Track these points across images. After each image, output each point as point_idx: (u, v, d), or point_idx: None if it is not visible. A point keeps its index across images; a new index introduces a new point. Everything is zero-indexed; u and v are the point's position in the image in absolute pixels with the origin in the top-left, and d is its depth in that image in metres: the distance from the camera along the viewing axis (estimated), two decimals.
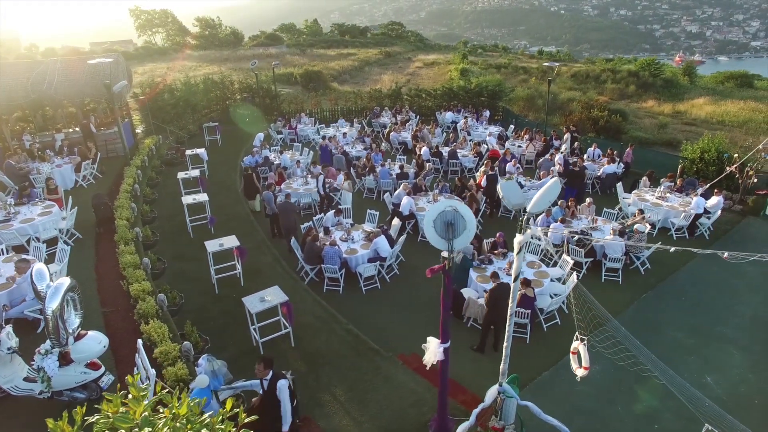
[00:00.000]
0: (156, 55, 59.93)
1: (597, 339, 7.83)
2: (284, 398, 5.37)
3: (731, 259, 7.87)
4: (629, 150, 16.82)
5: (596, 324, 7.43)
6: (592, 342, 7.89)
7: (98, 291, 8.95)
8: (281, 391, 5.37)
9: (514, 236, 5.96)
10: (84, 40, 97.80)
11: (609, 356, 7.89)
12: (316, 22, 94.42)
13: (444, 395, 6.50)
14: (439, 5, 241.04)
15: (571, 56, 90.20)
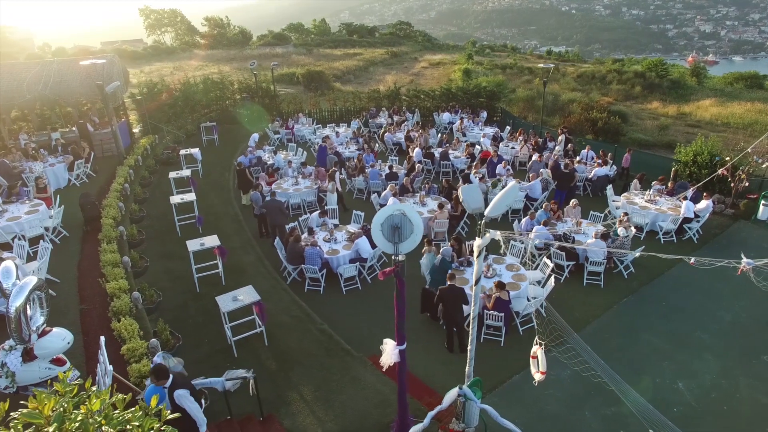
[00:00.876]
0: (164, 54, 60.55)
1: (560, 350, 7.85)
2: (188, 405, 5.26)
3: (698, 265, 7.87)
4: (627, 155, 16.68)
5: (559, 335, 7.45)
6: (554, 352, 7.93)
7: (78, 288, 9.13)
8: (180, 399, 5.22)
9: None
10: (96, 39, 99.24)
11: (573, 367, 7.91)
12: (324, 22, 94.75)
13: (403, 396, 6.55)
14: (449, 5, 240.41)
15: (580, 56, 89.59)
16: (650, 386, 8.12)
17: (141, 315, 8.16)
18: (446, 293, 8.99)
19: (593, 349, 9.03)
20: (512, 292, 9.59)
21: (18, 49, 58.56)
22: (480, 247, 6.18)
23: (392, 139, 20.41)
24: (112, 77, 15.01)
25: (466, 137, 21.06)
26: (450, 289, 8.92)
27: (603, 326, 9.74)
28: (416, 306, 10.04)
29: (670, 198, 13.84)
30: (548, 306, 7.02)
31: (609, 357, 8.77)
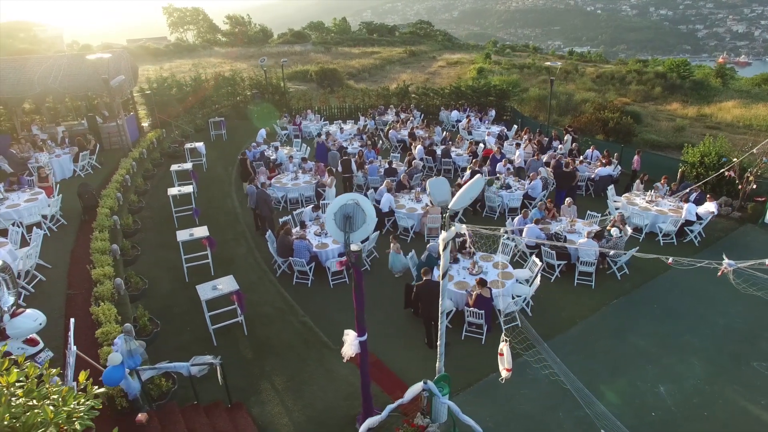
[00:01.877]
0: (185, 51, 61.59)
1: (529, 353, 7.75)
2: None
3: (676, 265, 7.67)
4: (637, 157, 16.23)
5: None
6: (524, 356, 7.83)
7: (68, 274, 9.39)
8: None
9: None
10: (122, 36, 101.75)
11: (541, 371, 7.82)
12: (345, 21, 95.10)
13: (367, 389, 6.55)
14: (472, 4, 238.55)
15: (603, 57, 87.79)
16: (628, 389, 7.92)
17: (123, 301, 8.36)
18: (423, 289, 8.95)
19: (577, 350, 8.93)
20: (496, 290, 9.49)
21: (47, 47, 60.36)
22: (445, 240, 6.14)
23: (396, 136, 20.38)
24: (119, 72, 15.38)
25: (472, 135, 20.89)
26: (426, 284, 8.87)
27: (590, 327, 9.55)
28: (401, 301, 10.02)
29: (673, 199, 13.48)
30: (521, 315, 6.88)
31: (592, 359, 8.65)
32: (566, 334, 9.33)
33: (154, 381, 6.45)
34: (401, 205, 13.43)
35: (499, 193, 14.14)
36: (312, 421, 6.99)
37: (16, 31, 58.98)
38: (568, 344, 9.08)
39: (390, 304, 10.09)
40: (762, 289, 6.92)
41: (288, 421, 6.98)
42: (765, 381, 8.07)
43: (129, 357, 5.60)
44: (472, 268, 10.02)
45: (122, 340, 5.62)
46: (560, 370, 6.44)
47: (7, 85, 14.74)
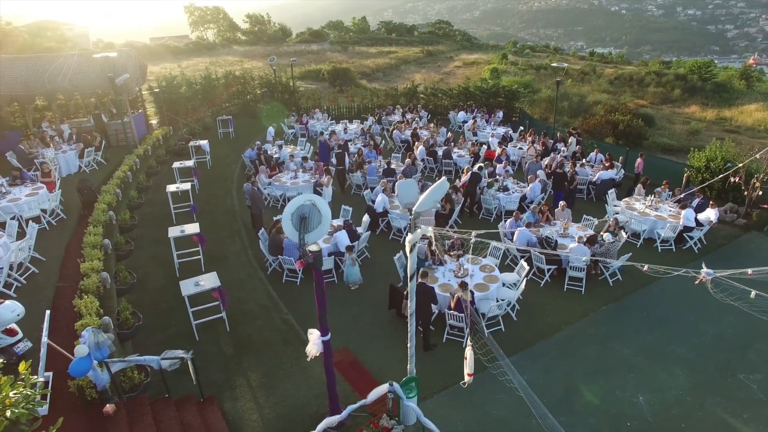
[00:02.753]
0: (204, 50, 62.53)
1: (492, 365, 7.66)
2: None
3: (652, 273, 7.52)
4: (640, 160, 15.95)
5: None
6: (488, 368, 7.75)
7: (61, 267, 9.65)
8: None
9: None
10: (146, 35, 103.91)
11: (507, 384, 7.74)
12: (364, 20, 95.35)
13: (332, 388, 6.59)
14: (493, 4, 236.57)
15: (625, 58, 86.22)
16: (606, 397, 7.79)
17: (109, 294, 8.56)
18: (420, 289, 8.90)
19: (559, 356, 8.82)
20: (480, 293, 9.44)
21: (72, 45, 61.97)
22: (411, 242, 6.14)
23: (400, 136, 20.37)
24: (127, 70, 15.76)
25: (477, 137, 20.74)
26: (420, 286, 8.83)
27: (575, 333, 9.41)
28: (385, 302, 10.03)
29: (674, 205, 13.18)
30: (482, 329, 6.82)
31: (574, 365, 8.53)
32: (550, 340, 9.22)
33: (126, 373, 6.61)
34: (396, 206, 13.44)
35: (496, 196, 14.03)
36: (281, 418, 7.06)
37: (43, 30, 60.68)
38: (551, 350, 8.97)
39: (378, 306, 10.12)
40: (739, 299, 6.73)
41: (258, 417, 7.07)
42: (750, 394, 7.85)
43: (96, 349, 5.75)
44: (458, 270, 9.98)
45: (90, 333, 5.77)
46: (518, 383, 6.36)
47: (20, 83, 15.24)
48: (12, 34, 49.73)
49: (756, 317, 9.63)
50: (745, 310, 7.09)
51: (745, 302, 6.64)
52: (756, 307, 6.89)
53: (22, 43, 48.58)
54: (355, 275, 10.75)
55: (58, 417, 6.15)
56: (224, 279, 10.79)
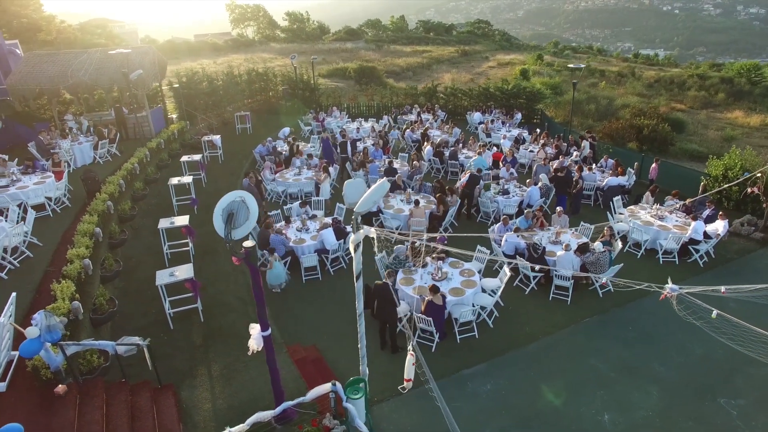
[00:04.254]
0: (242, 47, 64.12)
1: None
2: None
3: (611, 286, 7.15)
4: (654, 166, 15.26)
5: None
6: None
7: (54, 253, 10.15)
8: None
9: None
10: (191, 32, 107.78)
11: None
12: (402, 19, 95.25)
13: (277, 384, 6.64)
14: (538, 4, 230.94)
15: (672, 60, 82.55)
16: (569, 414, 7.48)
17: (91, 281, 8.97)
18: (380, 290, 8.91)
19: (529, 367, 8.55)
20: (454, 297, 9.27)
21: (119, 41, 64.98)
22: (354, 242, 6.12)
23: (412, 136, 20.26)
24: (143, 66, 16.41)
25: (491, 138, 20.36)
26: (383, 287, 8.81)
27: (550, 344, 9.10)
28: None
29: (682, 215, 12.51)
30: (415, 348, 6.68)
31: (542, 378, 8.24)
32: (523, 350, 8.95)
33: (85, 356, 6.90)
34: (390, 206, 13.39)
35: (495, 199, 13.73)
36: (232, 410, 7.17)
37: (94, 27, 64.10)
38: (521, 360, 8.71)
39: (354, 305, 10.06)
40: (701, 318, 6.33)
41: (210, 407, 7.22)
42: (728, 420, 7.36)
43: (47, 332, 6.03)
44: (436, 273, 9.83)
45: (42, 316, 6.06)
46: (443, 408, 6.21)
47: (45, 77, 16.16)
48: (65, 31, 52.67)
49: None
50: (706, 330, 6.67)
51: (706, 322, 6.26)
52: (715, 327, 6.48)
53: (74, 40, 51.41)
54: (277, 277, 10.49)
55: (16, 394, 6.53)
56: (210, 271, 11.17)
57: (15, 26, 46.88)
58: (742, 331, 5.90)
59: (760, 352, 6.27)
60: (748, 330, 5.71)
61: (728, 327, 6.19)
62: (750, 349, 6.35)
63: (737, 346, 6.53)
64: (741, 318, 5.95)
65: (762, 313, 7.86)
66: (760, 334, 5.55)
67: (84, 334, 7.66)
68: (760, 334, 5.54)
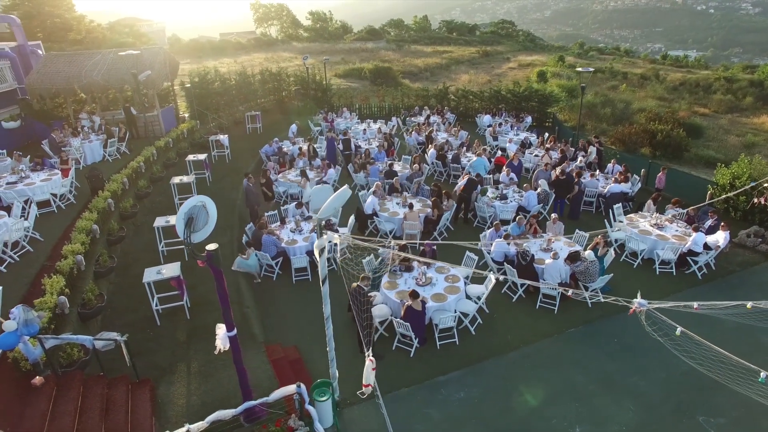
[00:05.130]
0: (264, 45, 64.97)
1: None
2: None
3: (576, 297, 7.07)
4: (661, 175, 14.68)
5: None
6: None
7: (53, 248, 10.55)
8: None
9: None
10: (217, 30, 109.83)
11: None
12: (426, 19, 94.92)
13: (244, 383, 6.78)
14: (566, 4, 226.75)
15: (703, 62, 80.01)
16: (539, 426, 7.40)
17: (82, 276, 9.30)
18: (355, 293, 8.94)
19: (505, 376, 8.51)
20: (435, 303, 9.27)
21: (146, 40, 66.68)
22: (318, 247, 6.22)
23: (418, 138, 20.24)
24: (153, 66, 16.87)
25: (497, 141, 20.18)
26: (357, 290, 8.85)
27: (531, 354, 9.00)
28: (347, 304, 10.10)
29: (682, 225, 12.19)
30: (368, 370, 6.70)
31: (517, 388, 8.17)
32: (502, 358, 8.88)
33: (65, 349, 7.18)
34: (386, 209, 13.43)
35: (492, 204, 13.63)
36: (205, 406, 7.33)
37: (122, 26, 65.92)
38: (499, 368, 8.64)
39: (340, 307, 10.09)
40: (666, 335, 6.20)
41: (184, 403, 7.41)
42: None
43: (25, 326, 6.31)
44: (420, 278, 9.84)
45: (20, 310, 6.34)
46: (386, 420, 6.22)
47: (61, 77, 16.79)
48: (94, 31, 54.36)
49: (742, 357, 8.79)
50: (670, 349, 6.52)
51: (671, 339, 6.13)
52: (678, 345, 6.34)
53: (102, 39, 53.00)
54: (249, 266, 10.96)
55: None
56: (203, 270, 11.33)
57: (48, 26, 48.69)
58: (704, 350, 5.76)
59: (720, 373, 6.11)
60: (712, 351, 5.58)
61: (691, 345, 6.04)
62: (711, 370, 6.20)
63: (697, 365, 6.37)
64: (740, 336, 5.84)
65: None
66: (724, 356, 5.42)
67: (69, 328, 7.97)
68: (723, 355, 5.41)
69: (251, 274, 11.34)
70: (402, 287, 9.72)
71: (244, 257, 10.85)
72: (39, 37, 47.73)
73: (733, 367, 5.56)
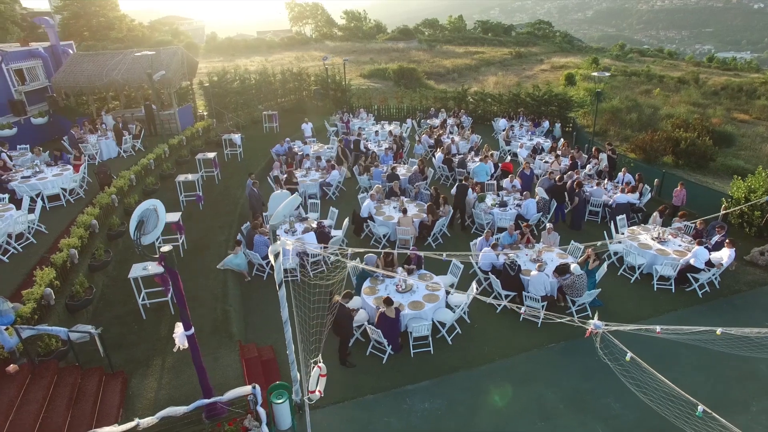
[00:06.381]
0: (297, 44, 65.86)
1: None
2: None
3: (527, 315, 6.89)
4: (679, 190, 13.73)
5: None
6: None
7: (55, 240, 11.09)
8: None
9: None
10: (254, 28, 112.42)
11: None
12: (461, 19, 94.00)
13: (203, 380, 6.95)
14: (609, 3, 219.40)
15: (755, 65, 75.98)
16: None
17: (75, 269, 9.75)
18: (339, 309, 8.96)
19: (474, 389, 8.40)
20: (412, 311, 9.22)
21: (184, 38, 68.87)
22: (272, 252, 6.31)
23: (429, 141, 20.11)
24: (170, 66, 17.46)
25: (510, 146, 19.82)
26: (341, 306, 8.89)
27: (504, 368, 8.82)
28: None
29: (687, 239, 11.65)
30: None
31: (482, 402, 8.02)
32: (474, 371, 8.74)
33: (44, 340, 7.56)
34: (381, 212, 13.44)
35: (490, 211, 13.41)
36: (172, 401, 7.53)
37: (162, 25, 68.40)
38: (468, 381, 8.51)
39: (323, 311, 10.28)
40: (616, 360, 5.97)
41: (152, 396, 7.67)
42: None
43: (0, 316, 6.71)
44: (400, 285, 9.80)
45: None
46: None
47: (84, 77, 17.62)
48: (134, 29, 56.64)
49: (729, 383, 8.38)
50: (617, 374, 6.28)
51: (619, 365, 5.92)
52: (626, 371, 6.10)
53: (141, 37, 55.13)
54: (237, 265, 11.13)
55: None
56: (195, 266, 11.73)
57: (94, 25, 51.07)
58: (649, 379, 5.52)
59: (660, 404, 5.85)
60: (660, 382, 5.35)
61: (640, 374, 5.80)
62: (653, 400, 5.96)
63: (641, 394, 6.11)
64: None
65: None
66: (667, 386, 5.20)
67: (54, 318, 8.39)
68: (666, 384, 5.18)
69: (242, 273, 11.58)
70: (381, 293, 9.70)
71: (233, 253, 11.10)
72: (85, 36, 50.28)
73: (673, 398, 5.30)
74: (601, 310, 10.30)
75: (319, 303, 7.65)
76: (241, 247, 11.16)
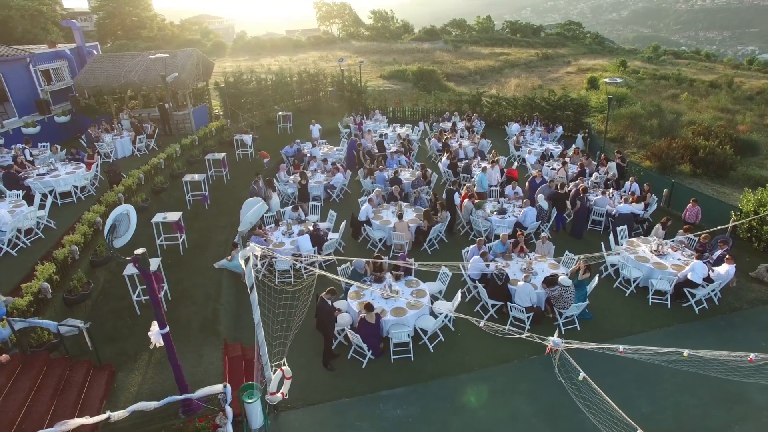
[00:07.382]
0: (323, 44, 66.29)
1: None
2: None
3: (488, 329, 6.95)
4: (692, 207, 13.02)
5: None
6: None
7: (62, 236, 11.58)
8: None
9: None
10: (283, 27, 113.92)
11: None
12: (489, 19, 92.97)
13: (179, 377, 7.21)
14: (645, 3, 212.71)
15: None
16: None
17: (76, 264, 10.22)
18: (320, 304, 9.16)
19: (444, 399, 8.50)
20: (394, 318, 9.30)
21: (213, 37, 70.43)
22: (243, 257, 6.51)
23: (437, 145, 20.08)
24: (184, 68, 18.00)
25: (520, 151, 19.59)
26: (321, 302, 9.08)
27: (482, 378, 8.81)
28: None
29: (687, 253, 11.34)
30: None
31: (454, 413, 8.06)
32: (451, 379, 8.76)
33: (37, 332, 7.99)
34: (380, 216, 13.53)
35: (488, 218, 13.34)
36: (153, 395, 7.84)
37: (191, 24, 70.20)
38: (444, 390, 8.52)
39: (310, 312, 10.44)
40: (569, 379, 5.91)
41: (135, 390, 7.99)
42: None
43: None
44: (385, 290, 9.89)
45: None
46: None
47: (103, 77, 18.35)
48: (165, 28, 58.35)
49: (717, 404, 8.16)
50: (570, 394, 6.22)
51: (572, 384, 5.87)
52: (578, 391, 6.04)
53: (171, 36, 56.74)
54: (236, 267, 11.09)
55: None
56: (194, 265, 12.09)
57: (127, 24, 52.89)
58: (599, 402, 5.47)
59: (607, 426, 5.78)
60: (608, 405, 5.31)
61: (593, 396, 5.74)
62: (600, 421, 5.90)
63: (590, 415, 6.04)
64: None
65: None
66: (612, 408, 5.16)
67: (51, 312, 8.83)
68: (611, 406, 5.14)
69: (238, 273, 11.85)
70: (366, 298, 9.82)
71: (228, 259, 11.32)
72: (119, 34, 52.13)
73: (617, 421, 5.24)
74: (591, 324, 10.16)
75: (283, 308, 7.74)
76: (236, 250, 11.36)
